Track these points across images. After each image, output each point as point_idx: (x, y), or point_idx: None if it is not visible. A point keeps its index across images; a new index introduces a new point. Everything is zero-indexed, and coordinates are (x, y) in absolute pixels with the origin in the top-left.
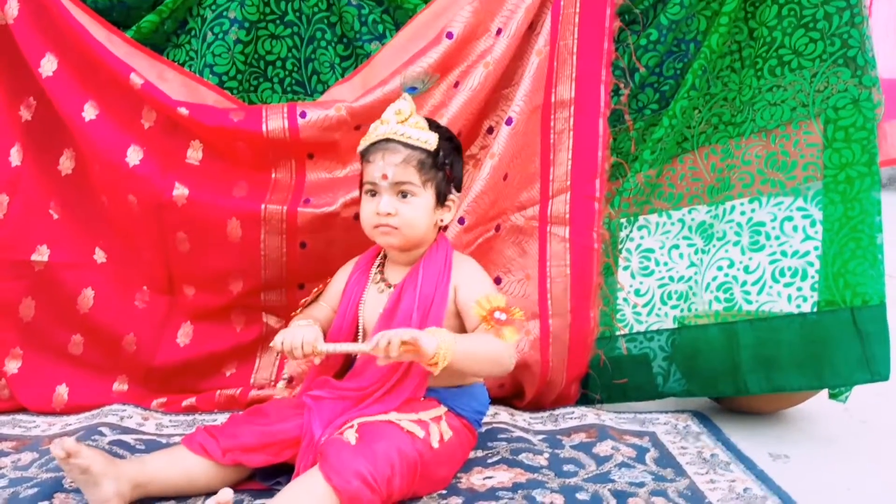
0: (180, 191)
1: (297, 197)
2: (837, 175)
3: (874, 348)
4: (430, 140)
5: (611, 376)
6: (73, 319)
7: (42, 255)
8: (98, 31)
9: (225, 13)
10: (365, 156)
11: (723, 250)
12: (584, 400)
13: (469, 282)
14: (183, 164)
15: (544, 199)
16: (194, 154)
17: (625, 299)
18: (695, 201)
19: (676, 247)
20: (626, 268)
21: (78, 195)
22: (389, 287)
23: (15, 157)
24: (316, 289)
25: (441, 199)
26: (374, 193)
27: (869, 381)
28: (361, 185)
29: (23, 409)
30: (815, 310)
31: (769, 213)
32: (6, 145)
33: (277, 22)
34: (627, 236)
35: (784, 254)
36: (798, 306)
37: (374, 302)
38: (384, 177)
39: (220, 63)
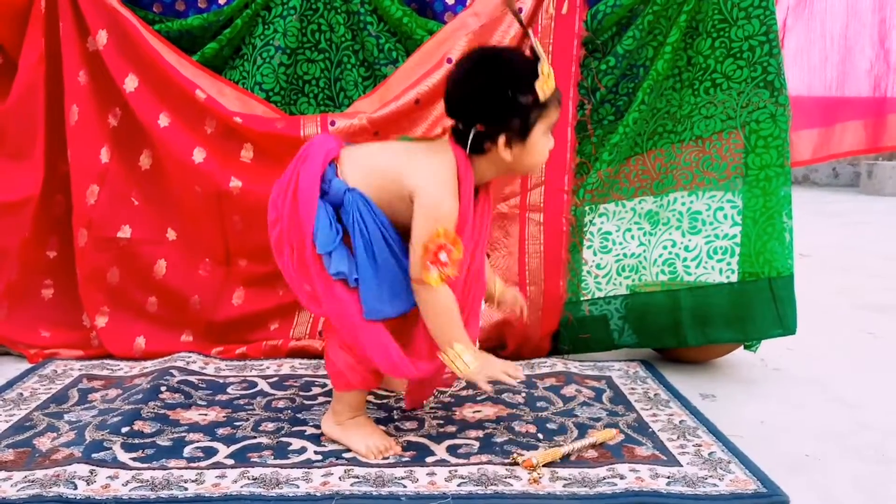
0: (235, 183)
1: None
2: (758, 174)
3: (785, 309)
4: None
5: (576, 332)
6: (150, 284)
7: (125, 233)
8: (170, 55)
9: (271, 42)
10: (553, 104)
11: (667, 233)
12: (555, 351)
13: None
14: (238, 162)
15: (524, 191)
16: (247, 154)
17: (588, 272)
18: (644, 194)
19: (629, 230)
20: (589, 246)
21: (154, 186)
22: None
23: (104, 155)
24: (448, 252)
25: None
26: (546, 133)
27: (781, 335)
28: (524, 129)
29: (109, 356)
30: (740, 279)
31: (705, 204)
32: (97, 146)
33: (313, 49)
34: (590, 221)
35: (717, 236)
36: (727, 277)
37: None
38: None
39: (267, 82)
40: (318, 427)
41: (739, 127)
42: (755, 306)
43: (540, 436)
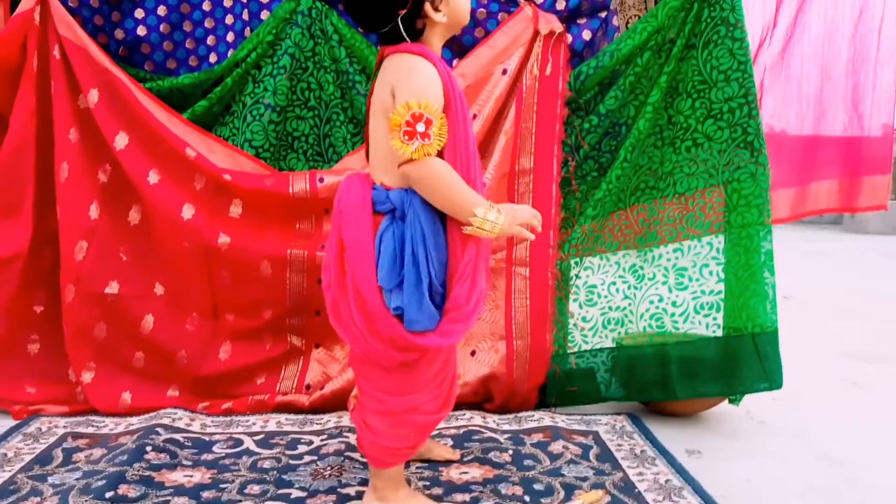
0: (224, 239)
1: (316, 243)
2: (740, 232)
3: (770, 365)
4: None
5: (563, 385)
6: (137, 339)
7: (113, 288)
8: (160, 113)
9: (261, 100)
10: None
11: (653, 288)
12: (542, 404)
13: None
14: (227, 218)
15: (510, 246)
16: (235, 210)
17: (574, 325)
18: (627, 247)
19: (614, 283)
20: (574, 299)
21: (142, 241)
22: None
23: (93, 211)
24: (427, 123)
25: None
26: None
27: (768, 389)
28: None
29: (94, 411)
30: (725, 334)
31: (690, 261)
32: (87, 202)
33: (302, 106)
34: (576, 275)
35: (703, 292)
36: (714, 332)
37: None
38: None
39: (257, 139)
40: (303, 489)
41: (721, 184)
42: (741, 361)
43: (527, 498)
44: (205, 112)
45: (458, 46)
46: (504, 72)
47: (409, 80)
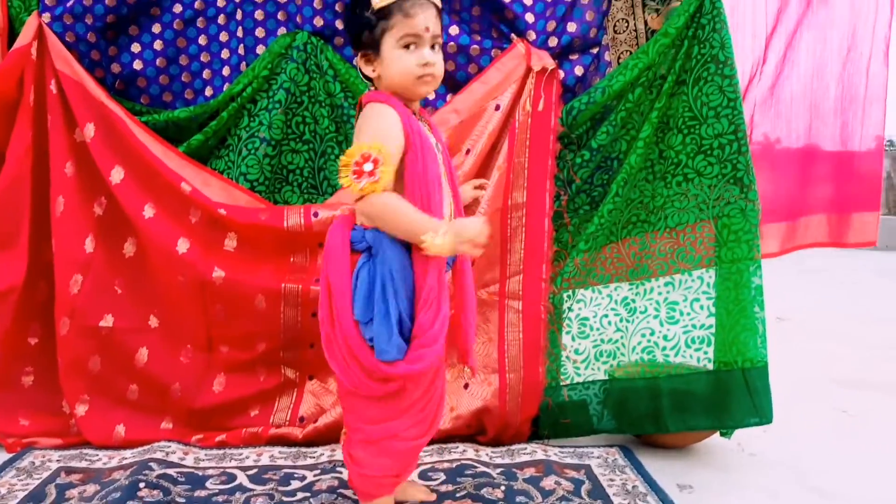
0: (218, 273)
1: (310, 277)
2: (730, 267)
3: (760, 399)
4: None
5: (556, 417)
6: (131, 372)
7: (108, 322)
8: (156, 147)
9: (256, 134)
10: (397, 10)
11: (645, 322)
12: (536, 435)
13: None
14: (221, 251)
15: (503, 279)
16: (230, 243)
17: (567, 357)
18: (619, 280)
19: (606, 316)
20: (567, 332)
21: (137, 273)
22: (427, 125)
23: (89, 245)
24: (375, 163)
25: None
26: (408, 46)
27: (758, 424)
28: (374, 43)
29: (88, 444)
30: (716, 368)
31: (681, 295)
32: (82, 236)
33: (297, 140)
34: (568, 307)
35: (694, 326)
36: (704, 366)
37: (429, 140)
38: (427, 29)
39: (252, 172)
40: None
41: (711, 219)
42: (731, 395)
43: None
44: (200, 145)
45: (452, 82)
46: (497, 107)
47: (367, 125)
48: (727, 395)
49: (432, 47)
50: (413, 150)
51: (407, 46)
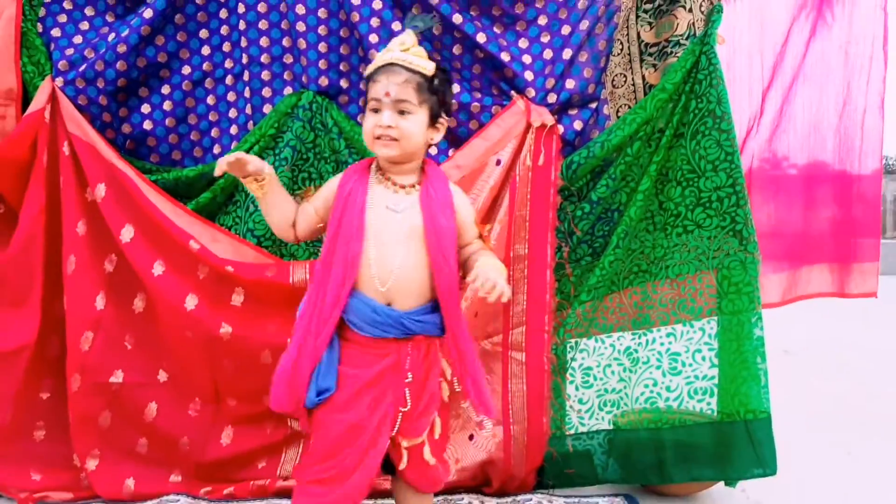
0: (226, 329)
1: None
2: (731, 319)
3: (764, 451)
4: (428, 67)
5: (561, 467)
6: (141, 426)
7: (118, 377)
8: (165, 205)
9: None
10: (371, 78)
11: (647, 372)
12: (541, 485)
13: (465, 205)
14: (228, 307)
15: (506, 330)
16: (237, 298)
17: (570, 407)
18: (622, 330)
19: (609, 366)
20: (571, 381)
21: (147, 329)
22: (399, 187)
23: (99, 302)
24: (301, 192)
25: (433, 120)
26: (376, 111)
27: (762, 476)
28: (366, 106)
29: (98, 498)
30: (719, 419)
31: (683, 346)
32: (93, 294)
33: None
34: (572, 358)
35: (696, 377)
36: (708, 417)
37: (380, 201)
38: (387, 94)
39: (259, 228)
40: None
41: (711, 271)
42: (734, 447)
43: None
44: (209, 202)
45: (454, 138)
46: (498, 162)
47: None
48: (730, 446)
49: (401, 112)
50: (335, 208)
51: (375, 111)
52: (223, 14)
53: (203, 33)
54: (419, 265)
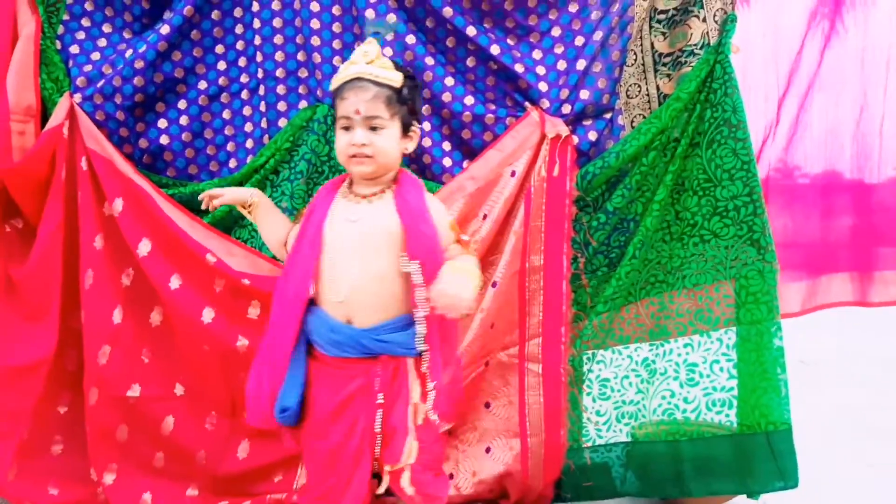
0: (242, 342)
1: None
2: (750, 329)
3: (785, 463)
4: (396, 78)
5: (579, 480)
6: (158, 440)
7: (135, 391)
8: (182, 219)
9: (279, 203)
10: (338, 93)
11: (665, 383)
12: (559, 498)
13: (438, 210)
14: (245, 319)
15: (522, 342)
16: (254, 311)
17: (588, 419)
18: (639, 341)
19: (626, 377)
20: (588, 393)
21: (164, 342)
22: (360, 198)
23: (117, 316)
24: (300, 212)
25: (406, 130)
26: (347, 128)
27: (783, 489)
28: (335, 121)
29: None
30: (739, 432)
31: (701, 357)
32: (111, 308)
33: None
34: (588, 369)
35: (714, 389)
36: (727, 429)
37: (341, 213)
38: (357, 112)
39: None
40: None
41: (729, 280)
42: (754, 460)
43: None
44: (225, 215)
45: (468, 149)
46: (513, 174)
47: None
48: (751, 459)
49: (373, 129)
50: (303, 223)
51: (345, 128)
52: (239, 30)
53: (219, 49)
54: (380, 276)
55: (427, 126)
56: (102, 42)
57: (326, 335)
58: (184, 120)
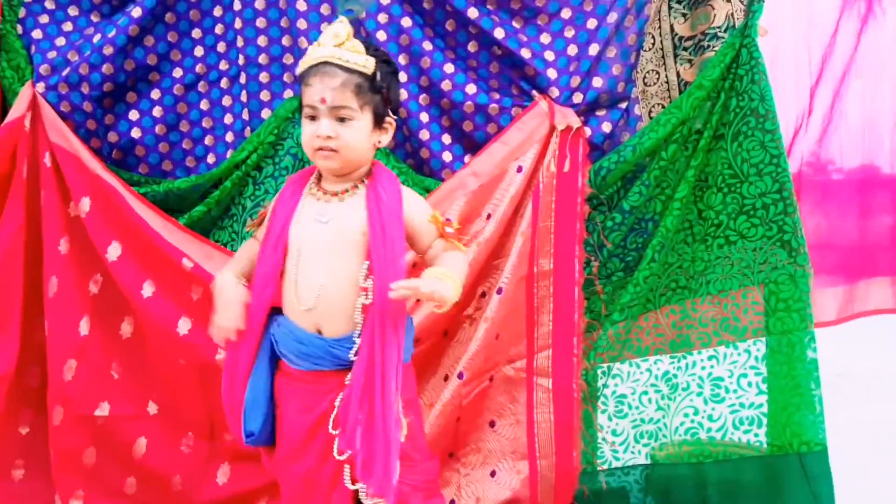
0: (222, 355)
1: None
2: (780, 339)
3: (820, 487)
4: (368, 64)
5: None
6: (129, 464)
7: (104, 410)
8: (155, 220)
9: (262, 204)
10: (304, 78)
11: (688, 400)
12: None
13: (417, 204)
14: None
15: (530, 354)
16: None
17: (603, 439)
18: (659, 353)
19: (646, 393)
20: (603, 411)
21: (135, 356)
22: (330, 195)
23: (84, 327)
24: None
25: (379, 122)
26: (313, 118)
27: None
28: (301, 109)
29: None
30: (769, 453)
31: (727, 370)
32: (77, 318)
33: None
34: (604, 384)
35: (742, 405)
36: (756, 450)
37: (309, 212)
38: (322, 101)
39: None
40: None
41: (757, 286)
42: (786, 483)
43: None
44: (203, 216)
45: (470, 143)
46: (519, 169)
47: None
48: (782, 482)
49: (341, 120)
50: (269, 222)
51: (311, 118)
52: (217, 11)
53: (196, 33)
54: (352, 282)
55: (425, 117)
56: (68, 26)
57: (294, 347)
58: (157, 111)
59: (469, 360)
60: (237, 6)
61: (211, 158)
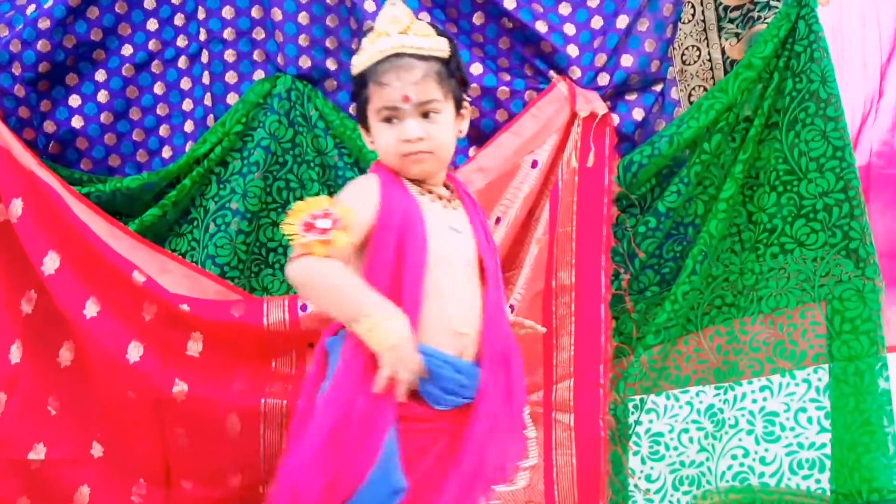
0: (180, 387)
1: (296, 388)
2: (846, 367)
3: None
4: (443, 46)
5: None
6: None
7: (39, 453)
8: (100, 226)
9: (227, 205)
10: (371, 77)
11: (736, 438)
12: None
13: None
14: (183, 357)
15: (548, 385)
16: (195, 346)
17: (635, 485)
18: (702, 383)
19: (686, 430)
20: (636, 453)
21: (76, 388)
22: (446, 201)
23: (15, 354)
24: (327, 218)
25: (458, 107)
26: (390, 120)
27: None
28: (362, 114)
29: None
30: (832, 501)
31: (782, 404)
32: (6, 343)
33: (280, 210)
34: (636, 421)
35: (801, 446)
36: (818, 498)
37: (440, 220)
38: (405, 99)
39: (222, 254)
40: None
41: (818, 303)
42: None
43: None
44: (157, 221)
45: (476, 132)
46: (534, 164)
47: (342, 193)
48: None
49: (425, 115)
50: (385, 229)
51: (388, 120)
52: None
53: (149, 3)
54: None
55: None
56: None
57: (453, 381)
58: (102, 96)
59: None
60: None
61: (167, 152)
